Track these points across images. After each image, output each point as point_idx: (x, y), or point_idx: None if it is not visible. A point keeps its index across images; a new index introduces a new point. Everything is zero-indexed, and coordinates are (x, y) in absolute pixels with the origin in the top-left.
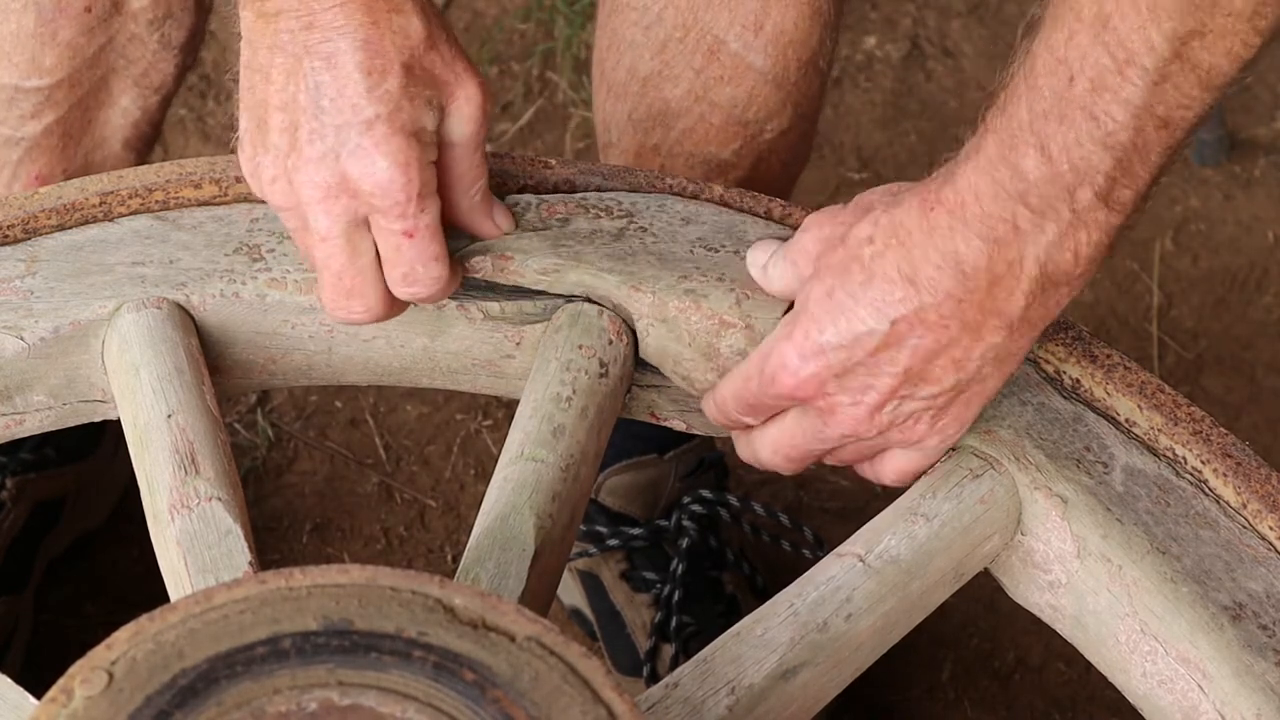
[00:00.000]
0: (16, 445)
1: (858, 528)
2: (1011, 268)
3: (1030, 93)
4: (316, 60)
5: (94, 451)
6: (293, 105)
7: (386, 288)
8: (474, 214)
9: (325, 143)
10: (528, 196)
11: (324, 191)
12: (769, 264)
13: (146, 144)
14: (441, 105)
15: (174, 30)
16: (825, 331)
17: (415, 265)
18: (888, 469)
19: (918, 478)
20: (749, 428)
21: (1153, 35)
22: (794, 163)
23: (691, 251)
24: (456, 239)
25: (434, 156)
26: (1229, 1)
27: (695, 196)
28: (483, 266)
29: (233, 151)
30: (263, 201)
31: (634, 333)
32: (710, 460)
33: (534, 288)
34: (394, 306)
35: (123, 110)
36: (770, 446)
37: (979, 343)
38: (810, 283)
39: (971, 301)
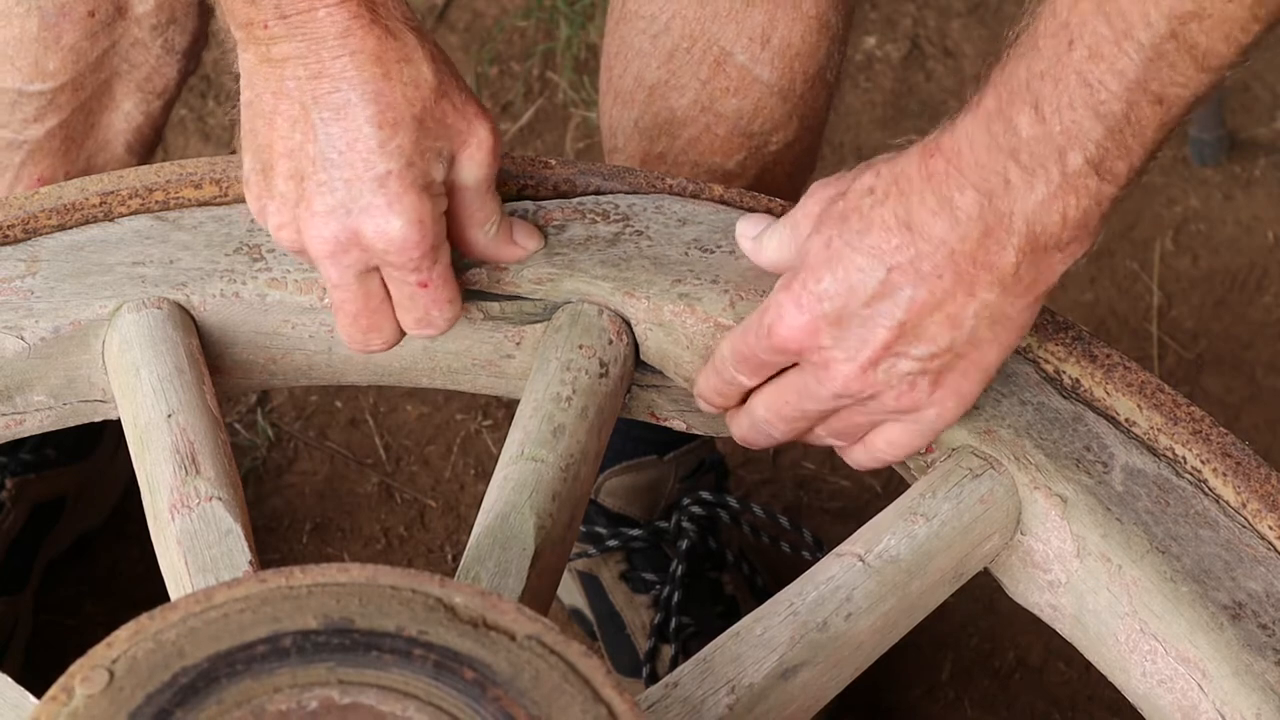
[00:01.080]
0: (16, 445)
1: (858, 528)
2: (1001, 220)
3: (1031, 53)
4: (325, 111)
5: (94, 451)
6: (299, 154)
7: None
8: (491, 247)
9: (335, 196)
10: (524, 204)
11: (334, 246)
12: (764, 235)
13: (149, 148)
14: (452, 154)
15: (177, 35)
16: (822, 280)
17: (430, 310)
18: (880, 439)
19: (908, 456)
20: (744, 397)
21: (1151, 11)
22: (799, 174)
23: (686, 253)
24: (453, 249)
25: (445, 207)
26: None
27: (696, 197)
28: (479, 279)
29: (233, 153)
30: None
31: (634, 334)
32: (710, 462)
33: (531, 296)
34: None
35: (125, 114)
36: (764, 402)
37: (972, 299)
38: (811, 237)
39: (964, 252)
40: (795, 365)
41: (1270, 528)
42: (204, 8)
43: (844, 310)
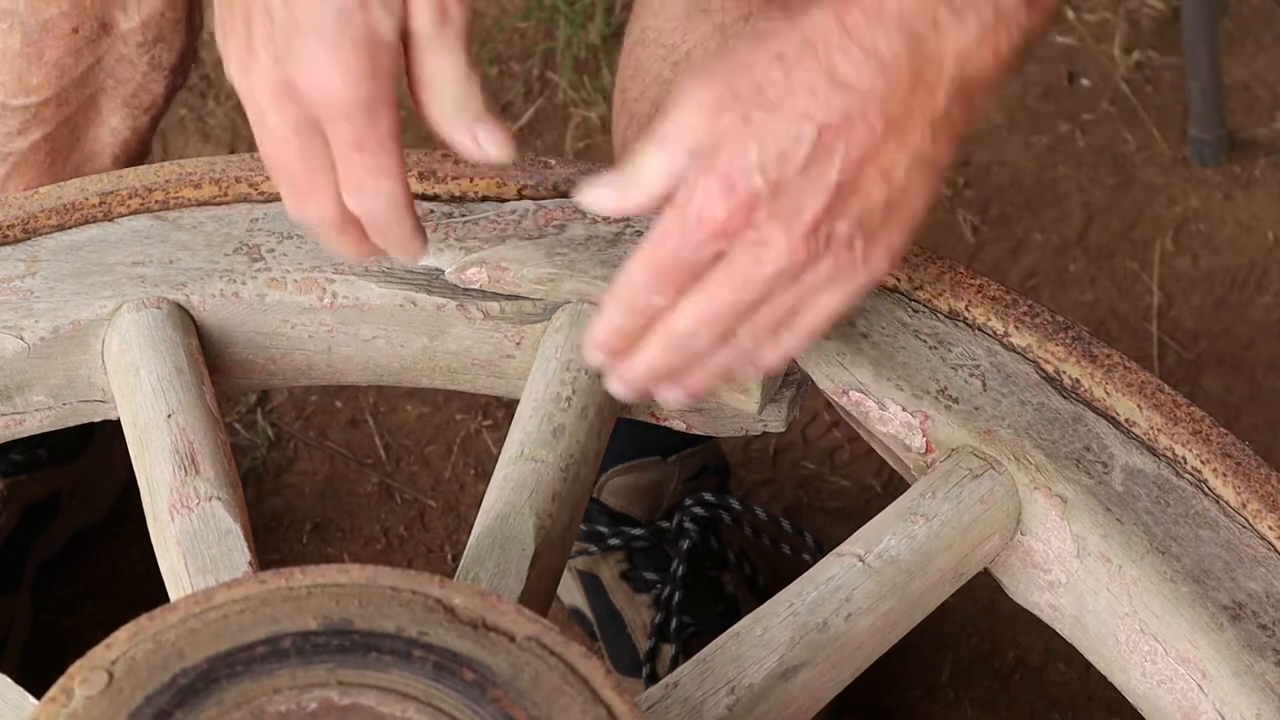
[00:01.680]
0: (8, 446)
1: (858, 528)
2: (931, 63)
3: None
4: None
5: (87, 449)
6: None
7: (340, 195)
8: (446, 123)
9: (275, 46)
10: (525, 203)
11: (272, 93)
12: (629, 173)
13: (135, 161)
14: (401, 2)
15: (164, 53)
16: (749, 154)
17: (364, 178)
18: (809, 315)
19: (835, 324)
20: (654, 330)
21: None
22: None
23: None
24: (452, 249)
25: (390, 62)
26: None
27: None
28: (479, 278)
29: (232, 152)
30: (263, 202)
31: None
32: (714, 466)
33: (531, 297)
34: (353, 221)
35: (112, 129)
36: (691, 309)
37: (904, 148)
38: (719, 119)
39: (895, 98)
40: (719, 261)
41: (1270, 528)
42: (191, 25)
43: (779, 180)
